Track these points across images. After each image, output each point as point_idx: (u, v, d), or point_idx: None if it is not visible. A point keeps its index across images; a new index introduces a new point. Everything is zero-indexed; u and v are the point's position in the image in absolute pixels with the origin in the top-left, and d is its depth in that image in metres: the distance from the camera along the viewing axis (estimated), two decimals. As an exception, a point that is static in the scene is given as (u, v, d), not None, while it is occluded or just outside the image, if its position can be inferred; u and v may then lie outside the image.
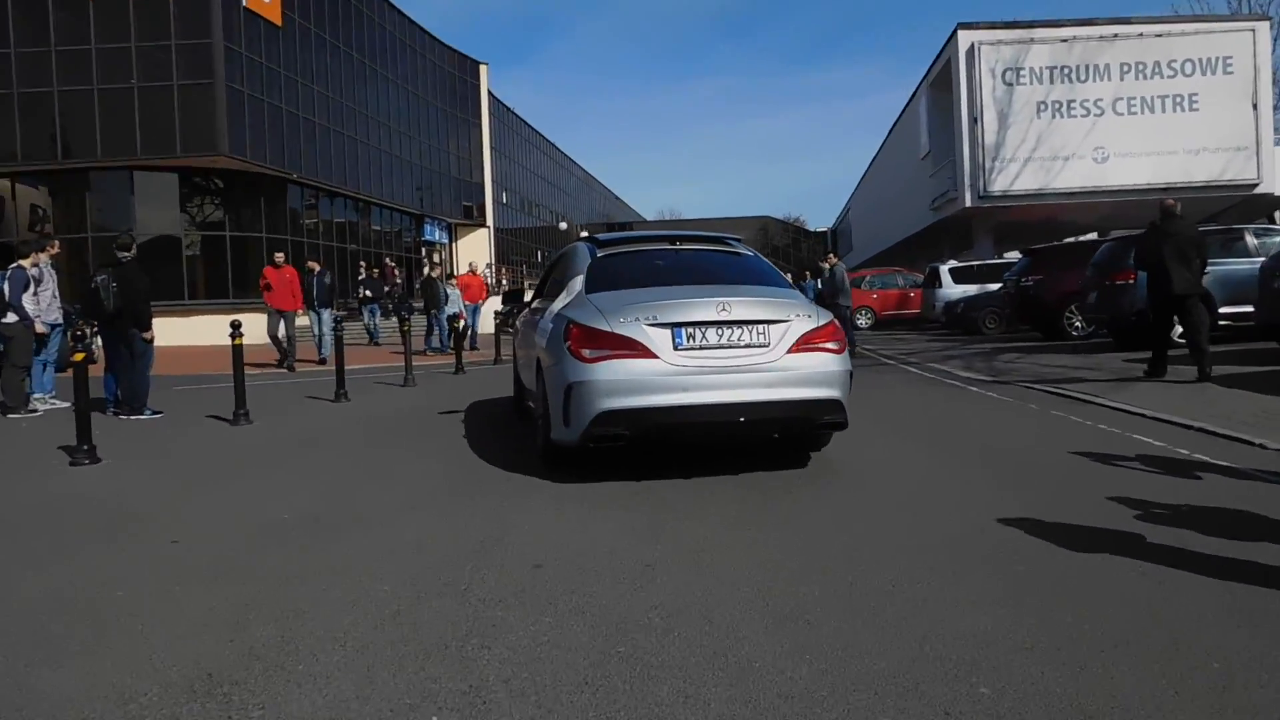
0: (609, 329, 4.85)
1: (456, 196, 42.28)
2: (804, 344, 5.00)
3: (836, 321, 5.27)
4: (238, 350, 8.20)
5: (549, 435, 5.24)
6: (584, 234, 8.43)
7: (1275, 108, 24.27)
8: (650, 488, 4.88)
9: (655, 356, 4.80)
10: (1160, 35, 23.32)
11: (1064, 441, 5.94)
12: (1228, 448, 5.54)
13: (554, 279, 6.71)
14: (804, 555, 3.60)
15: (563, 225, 49.19)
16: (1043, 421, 6.98)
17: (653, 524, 4.13)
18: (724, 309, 4.89)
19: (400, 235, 38.38)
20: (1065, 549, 3.53)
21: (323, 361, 16.04)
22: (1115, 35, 23.34)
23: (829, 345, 5.08)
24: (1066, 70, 23.33)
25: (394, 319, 28.40)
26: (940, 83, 26.46)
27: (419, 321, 18.75)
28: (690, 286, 5.32)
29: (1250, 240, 12.51)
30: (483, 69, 44.75)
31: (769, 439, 5.49)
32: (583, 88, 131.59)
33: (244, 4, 26.06)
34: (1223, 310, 12.15)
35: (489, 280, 37.57)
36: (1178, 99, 22.93)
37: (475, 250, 42.08)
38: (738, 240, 6.28)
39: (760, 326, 4.96)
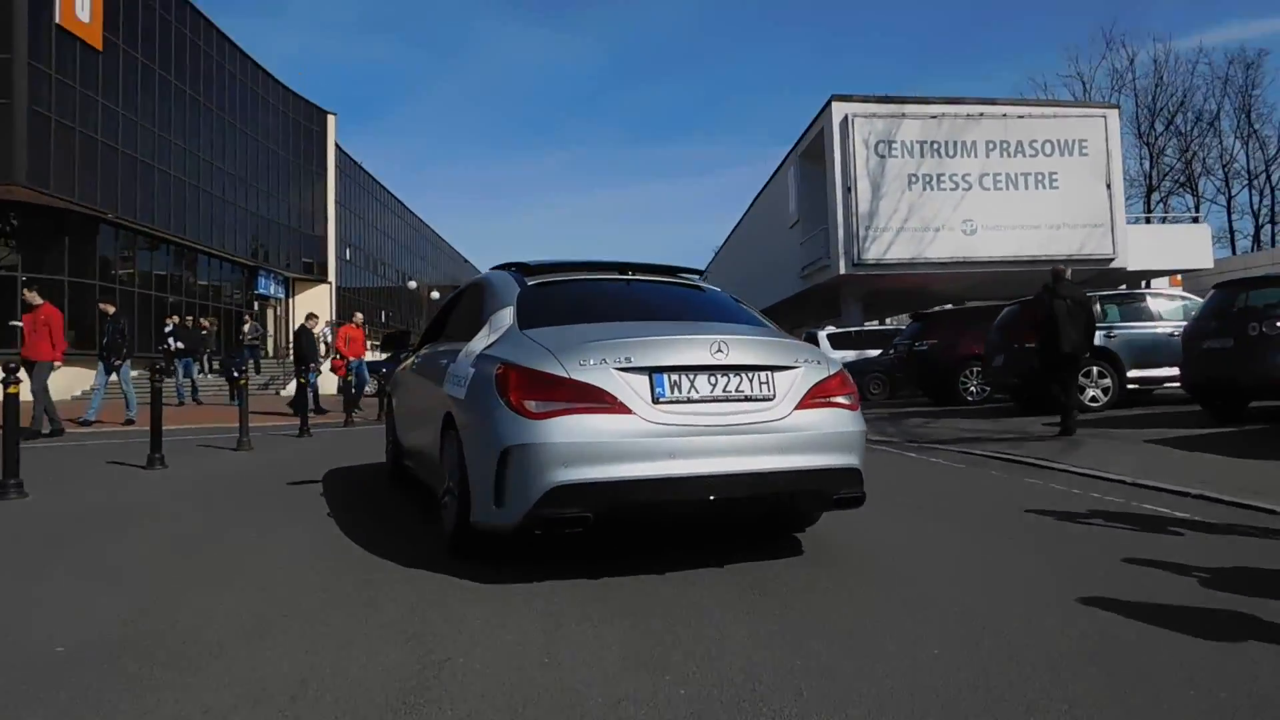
0: (564, 374, 3.58)
1: (296, 249, 39.62)
2: (815, 397, 3.89)
3: (845, 371, 4.16)
4: (10, 402, 6.25)
5: (466, 517, 3.86)
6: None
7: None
8: (613, 587, 3.58)
9: (628, 411, 3.55)
10: (1022, 117, 24.45)
11: (1048, 504, 5.05)
12: (1229, 511, 5.05)
13: (458, 315, 5.33)
14: (886, 695, 2.38)
15: (412, 284, 47.06)
16: (1012, 485, 6.14)
17: (648, 650, 2.83)
18: (720, 350, 3.71)
19: (230, 288, 35.30)
20: (1173, 631, 2.89)
21: (129, 423, 13.72)
22: (981, 114, 24.28)
23: (842, 399, 3.98)
24: (936, 145, 24.01)
25: (213, 373, 26.10)
26: (811, 153, 26.80)
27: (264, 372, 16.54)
28: (667, 323, 4.12)
29: (1152, 305, 12.54)
30: (330, 119, 42.69)
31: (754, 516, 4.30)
32: (433, 150, 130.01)
33: (57, 21, 23.41)
34: (1130, 374, 12.05)
35: (330, 341, 35.04)
36: (1039, 177, 23.97)
37: (314, 308, 39.32)
38: (698, 273, 5.14)
39: (763, 374, 3.82)
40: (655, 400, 3.61)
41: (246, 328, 25.71)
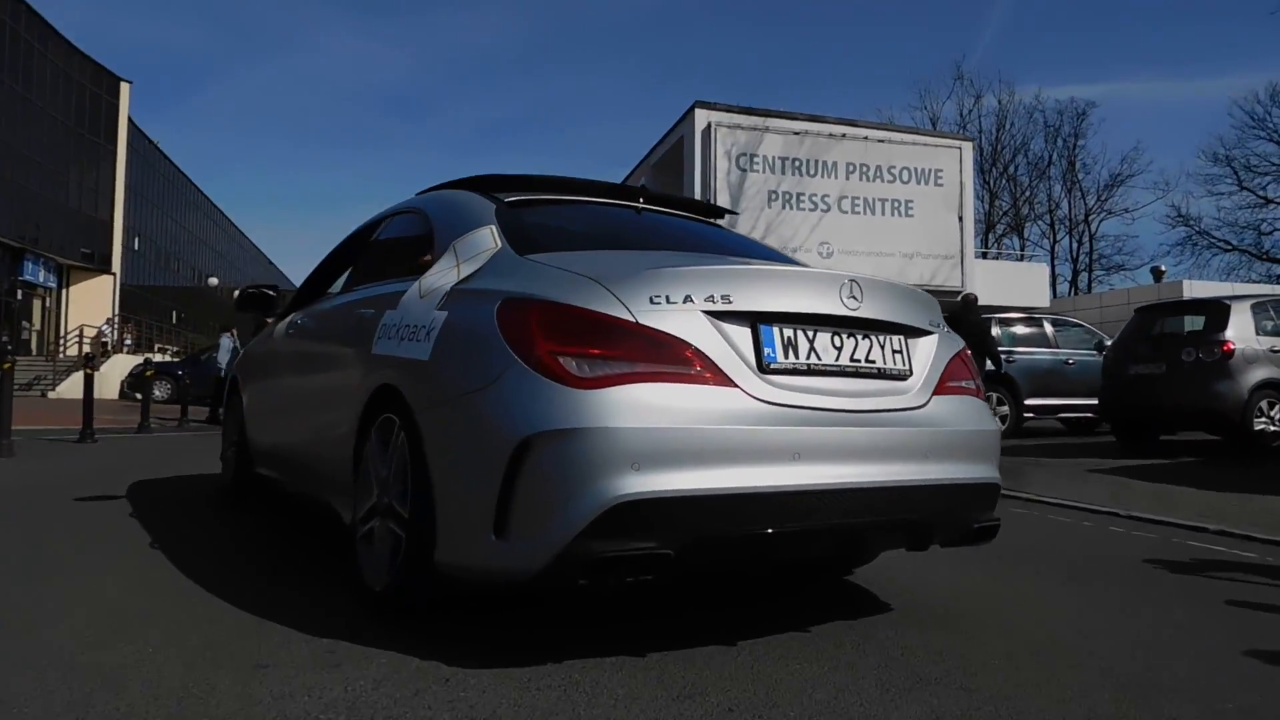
0: (628, 315, 2.26)
1: (74, 234, 34.98)
2: (951, 379, 2.77)
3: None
4: None
5: (421, 556, 2.45)
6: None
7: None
8: (673, 665, 2.24)
9: (728, 382, 2.29)
10: (882, 141, 24.78)
11: (1078, 541, 4.15)
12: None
13: (376, 253, 3.79)
14: None
15: (212, 281, 42.77)
16: (1036, 521, 5.25)
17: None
18: (853, 295, 2.51)
19: (-13, 272, 30.61)
20: None
21: None
22: (844, 135, 24.41)
23: (973, 384, 2.86)
24: (798, 163, 23.89)
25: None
26: (666, 164, 26.15)
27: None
28: (735, 257, 2.90)
29: (1049, 330, 12.36)
30: (124, 88, 38.32)
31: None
32: (241, 139, 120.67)
33: None
34: (1028, 401, 11.76)
35: (111, 337, 31.12)
36: (895, 204, 24.33)
37: (93, 301, 34.96)
38: (722, 212, 3.87)
39: (897, 338, 2.66)
40: (763, 367, 2.34)
41: None
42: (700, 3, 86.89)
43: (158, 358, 28.11)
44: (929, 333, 2.75)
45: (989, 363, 10.73)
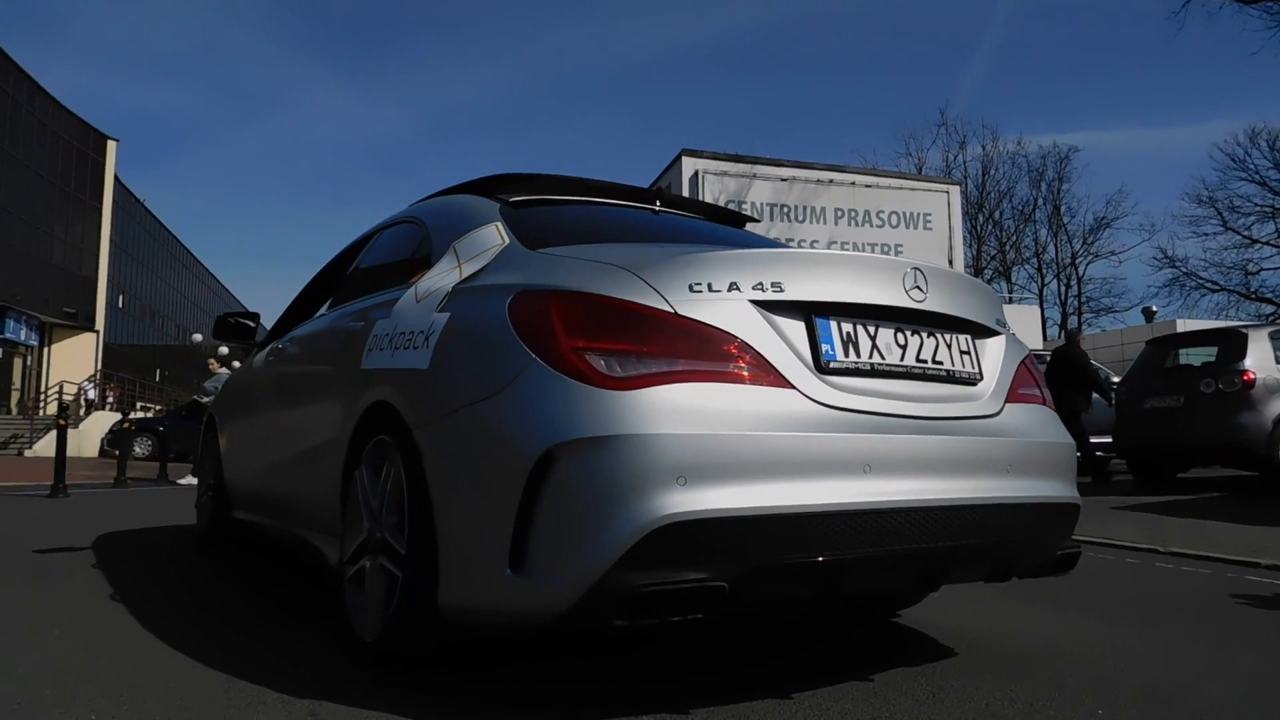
0: (665, 305, 1.92)
1: (57, 291, 34.51)
2: (1023, 385, 2.44)
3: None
4: None
5: (419, 598, 2.09)
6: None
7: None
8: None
9: (784, 382, 1.95)
10: (870, 186, 24.75)
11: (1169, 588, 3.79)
12: None
13: (366, 264, 3.45)
14: None
15: (196, 337, 42.18)
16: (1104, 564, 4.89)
17: None
18: (918, 285, 2.19)
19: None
20: None
21: None
22: (831, 180, 24.36)
23: (1041, 393, 2.52)
24: (787, 209, 23.79)
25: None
26: (655, 212, 26.09)
27: None
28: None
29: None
30: (111, 145, 38.21)
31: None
32: (228, 200, 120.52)
33: None
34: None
35: (92, 397, 30.55)
36: (885, 248, 24.16)
37: (76, 360, 34.40)
38: (744, 219, 3.56)
39: (964, 338, 2.34)
40: (822, 366, 2.01)
41: None
42: (686, 55, 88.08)
43: (140, 416, 27.54)
44: (996, 333, 2.44)
45: (1093, 397, 10.17)
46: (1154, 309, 31.35)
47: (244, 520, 4.13)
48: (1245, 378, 8.31)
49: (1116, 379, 11.26)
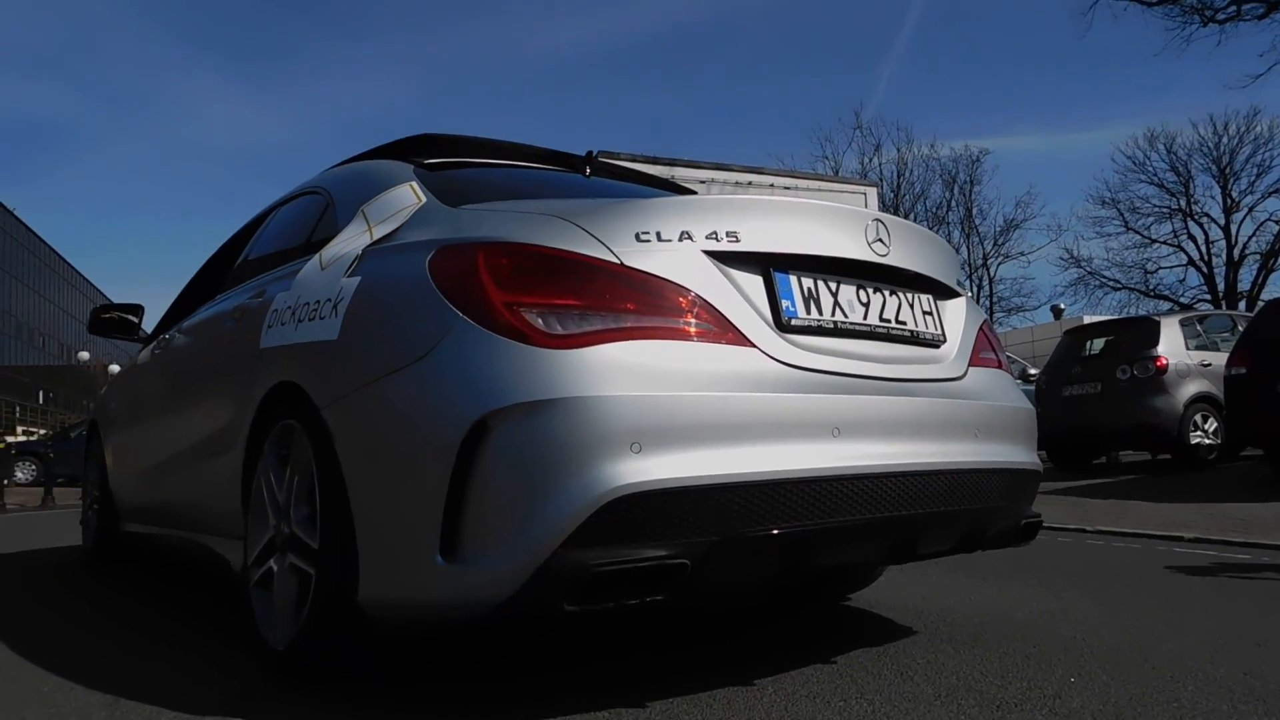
0: (610, 255, 1.78)
1: (-77, 310, 32.53)
2: (983, 349, 2.38)
3: None
4: None
5: (337, 596, 1.89)
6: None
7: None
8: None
9: (743, 340, 1.81)
10: (789, 188, 25.01)
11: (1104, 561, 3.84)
12: None
13: (266, 240, 3.20)
14: None
15: (83, 355, 40.29)
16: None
17: None
18: (879, 238, 2.08)
19: None
20: None
21: None
22: (750, 182, 24.53)
23: (998, 357, 2.47)
24: (704, 210, 23.99)
25: None
26: (570, 215, 25.92)
27: None
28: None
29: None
30: (-20, 152, 36.18)
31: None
32: (114, 213, 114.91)
33: None
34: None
35: None
36: (803, 249, 24.62)
37: (-53, 384, 32.43)
38: (679, 189, 3.43)
39: (927, 298, 2.26)
40: (782, 324, 1.88)
41: None
42: (597, 60, 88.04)
43: (22, 440, 26.05)
44: (957, 294, 2.37)
45: None
46: (1062, 307, 32.55)
47: (135, 533, 3.82)
48: (1158, 364, 8.61)
49: (1034, 371, 11.56)
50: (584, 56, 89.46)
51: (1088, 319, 27.78)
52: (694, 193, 3.27)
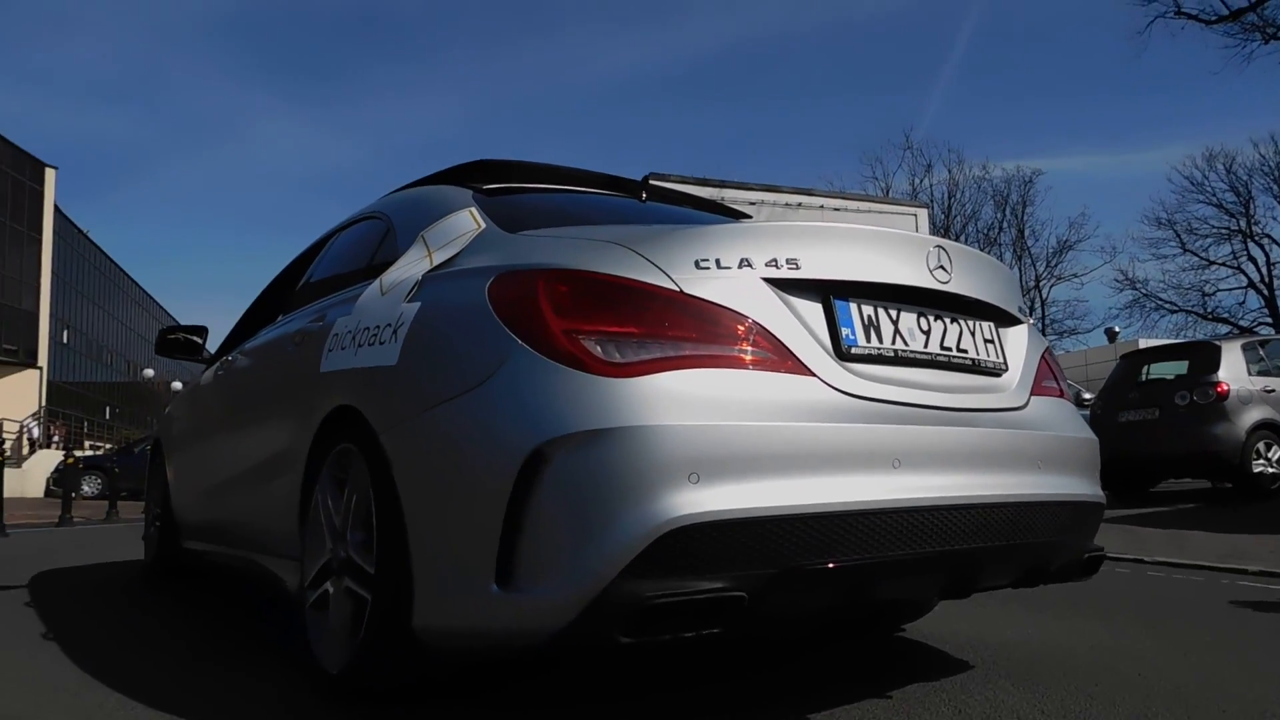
0: (670, 283, 1.76)
1: (-4, 326, 33.61)
2: (1046, 378, 2.34)
3: None
4: None
5: (390, 622, 1.90)
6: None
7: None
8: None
9: (803, 369, 1.79)
10: (839, 209, 24.89)
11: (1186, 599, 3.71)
12: None
13: (326, 265, 3.25)
14: None
15: (148, 372, 41.33)
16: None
17: None
18: (941, 265, 2.05)
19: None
20: None
21: None
22: (800, 204, 24.46)
23: (1060, 386, 2.42)
24: (753, 232, 23.95)
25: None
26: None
27: None
28: None
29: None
30: (49, 174, 37.48)
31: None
32: (176, 231, 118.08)
33: None
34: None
35: (36, 436, 29.64)
36: (852, 271, 24.44)
37: (17, 397, 33.42)
38: (736, 214, 3.42)
39: (988, 325, 2.22)
40: (842, 352, 1.86)
41: None
42: (647, 82, 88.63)
43: (89, 454, 26.76)
44: (1019, 322, 2.33)
45: None
46: (1116, 330, 31.90)
47: (195, 550, 3.89)
48: (1219, 390, 8.37)
49: (1088, 396, 11.32)
50: (635, 79, 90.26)
51: (1143, 342, 27.17)
52: (748, 216, 3.28)
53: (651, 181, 3.25)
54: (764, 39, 77.69)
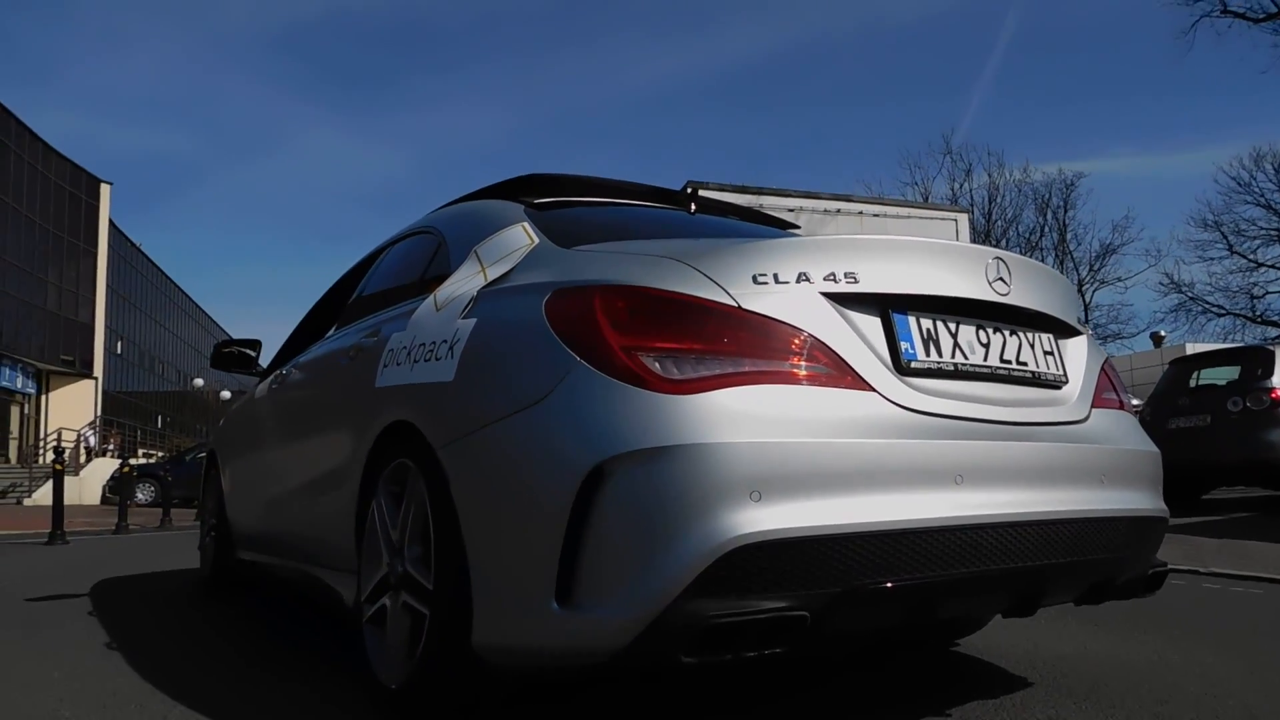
0: (727, 299, 1.75)
1: (53, 338, 34.43)
2: (1106, 390, 2.28)
3: None
4: None
5: (447, 639, 1.90)
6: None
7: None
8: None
9: (863, 384, 1.77)
10: (878, 215, 24.61)
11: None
12: None
13: (378, 279, 3.28)
14: None
15: (198, 382, 42.07)
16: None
17: None
18: (1000, 277, 2.02)
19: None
20: None
21: None
22: (839, 210, 24.25)
23: (1121, 398, 2.36)
24: (791, 239, 23.83)
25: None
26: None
27: None
28: None
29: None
30: (104, 189, 38.32)
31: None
32: (224, 241, 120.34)
33: None
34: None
35: (92, 444, 30.30)
36: (891, 276, 24.20)
37: (74, 407, 34.21)
38: (786, 226, 3.40)
39: (1047, 337, 2.18)
40: (902, 366, 1.84)
41: None
42: (686, 88, 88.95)
43: (142, 462, 27.31)
44: (1078, 333, 2.28)
45: None
46: (1162, 334, 31.23)
47: (251, 561, 3.93)
48: (1273, 395, 8.15)
49: (1136, 402, 11.08)
50: (674, 86, 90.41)
51: (1190, 347, 26.57)
52: (795, 226, 3.25)
53: (696, 191, 3.24)
54: (802, 45, 77.66)
